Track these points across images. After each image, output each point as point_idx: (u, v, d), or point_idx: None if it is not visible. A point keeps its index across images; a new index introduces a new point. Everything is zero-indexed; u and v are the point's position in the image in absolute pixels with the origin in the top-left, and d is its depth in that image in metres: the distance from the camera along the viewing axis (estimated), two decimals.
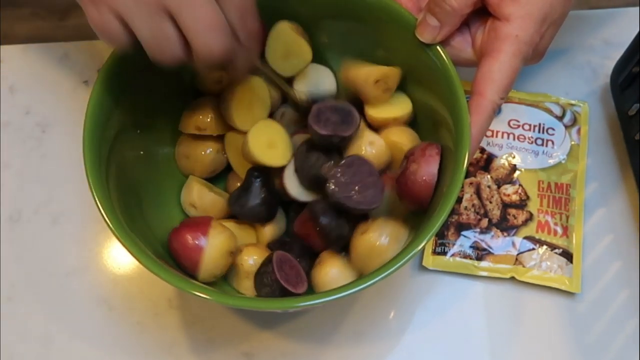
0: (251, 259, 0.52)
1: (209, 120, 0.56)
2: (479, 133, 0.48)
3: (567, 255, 0.58)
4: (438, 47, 0.51)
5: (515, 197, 0.60)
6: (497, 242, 0.58)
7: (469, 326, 0.57)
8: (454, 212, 0.59)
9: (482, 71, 0.49)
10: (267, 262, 0.50)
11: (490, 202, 0.60)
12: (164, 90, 0.57)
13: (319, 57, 0.60)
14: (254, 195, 0.53)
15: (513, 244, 0.58)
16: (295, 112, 0.58)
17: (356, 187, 0.49)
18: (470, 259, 0.58)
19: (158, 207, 0.55)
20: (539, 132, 0.63)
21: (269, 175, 0.54)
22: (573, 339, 0.56)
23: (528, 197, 0.60)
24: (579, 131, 0.63)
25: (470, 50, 0.52)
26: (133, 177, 0.55)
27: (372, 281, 0.44)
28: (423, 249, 0.58)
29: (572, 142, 0.62)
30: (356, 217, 0.51)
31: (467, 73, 0.65)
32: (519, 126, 0.63)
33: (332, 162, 0.51)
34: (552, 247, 0.58)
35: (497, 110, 0.49)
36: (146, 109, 0.56)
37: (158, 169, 0.58)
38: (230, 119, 0.55)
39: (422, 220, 0.51)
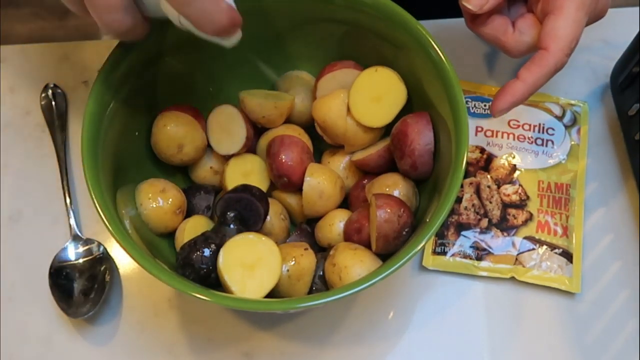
0: None
1: None
2: (533, 85, 0.49)
3: (567, 255, 0.58)
4: (436, 47, 0.51)
5: (515, 197, 0.60)
6: (497, 242, 0.58)
7: (469, 326, 0.57)
8: (453, 212, 0.59)
9: (546, 29, 0.49)
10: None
11: (490, 202, 0.60)
12: (163, 90, 0.58)
13: (312, 62, 0.60)
14: None
15: (513, 244, 0.58)
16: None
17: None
18: (470, 259, 0.58)
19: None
20: (539, 132, 0.63)
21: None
22: (573, 339, 0.56)
23: (528, 197, 0.60)
24: (579, 131, 0.63)
25: (511, 30, 0.52)
26: (132, 177, 0.55)
27: (372, 281, 0.44)
28: (423, 249, 0.58)
29: (572, 142, 0.62)
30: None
31: (466, 73, 0.66)
32: (519, 126, 0.63)
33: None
34: (552, 247, 0.58)
35: (560, 69, 0.49)
36: (146, 110, 0.56)
37: (158, 170, 0.58)
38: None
39: (422, 219, 0.51)
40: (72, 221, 0.60)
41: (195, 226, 0.54)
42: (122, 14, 0.42)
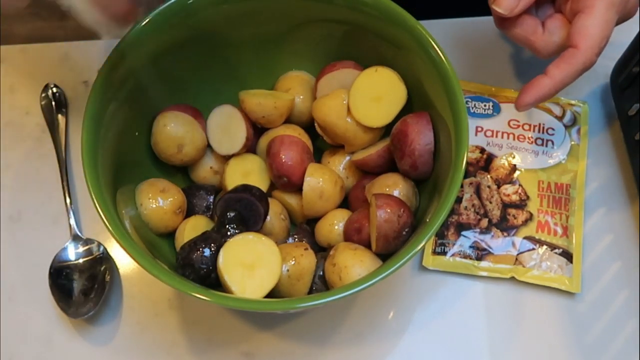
0: None
1: None
2: (561, 82, 0.49)
3: (567, 255, 0.58)
4: (436, 47, 0.51)
5: (515, 197, 0.60)
6: (497, 242, 0.58)
7: (469, 326, 0.57)
8: (453, 212, 0.59)
9: (577, 26, 0.49)
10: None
11: (490, 202, 0.60)
12: (164, 90, 0.58)
13: (312, 62, 0.60)
14: None
15: (513, 244, 0.58)
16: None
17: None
18: (470, 259, 0.58)
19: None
20: (539, 132, 0.63)
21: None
22: (573, 339, 0.56)
23: (528, 197, 0.60)
24: (579, 131, 0.63)
25: (540, 30, 0.52)
26: (132, 177, 0.55)
27: (372, 281, 0.44)
28: (423, 249, 0.58)
29: (572, 142, 0.62)
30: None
31: (467, 73, 0.65)
32: (519, 126, 0.63)
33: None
34: (552, 247, 0.58)
35: (588, 68, 0.50)
36: (146, 110, 0.56)
37: (158, 170, 0.58)
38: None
39: (422, 219, 0.51)
40: (72, 221, 0.60)
41: (195, 226, 0.54)
42: None
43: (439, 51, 0.51)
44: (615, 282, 0.58)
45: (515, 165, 0.61)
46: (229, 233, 0.50)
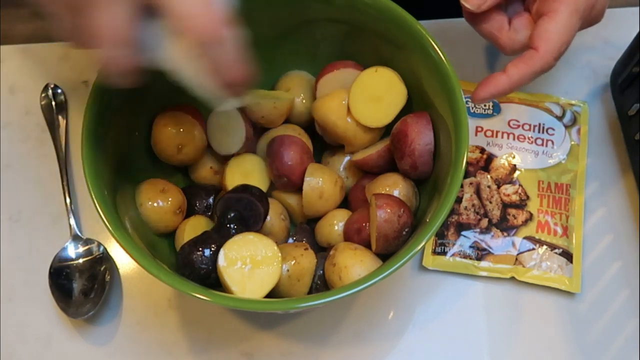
0: None
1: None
2: (517, 81, 0.49)
3: (567, 255, 0.58)
4: (436, 47, 0.51)
5: (515, 197, 0.60)
6: (497, 242, 0.58)
7: (469, 326, 0.57)
8: (453, 212, 0.59)
9: (539, 29, 0.49)
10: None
11: (490, 202, 0.60)
12: (164, 90, 0.57)
13: (312, 62, 0.60)
14: None
15: (513, 244, 0.58)
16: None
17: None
18: (470, 259, 0.58)
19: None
20: (539, 132, 0.63)
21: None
22: (573, 339, 0.56)
23: (528, 197, 0.60)
24: (579, 131, 0.63)
25: (506, 27, 0.52)
26: (132, 177, 0.55)
27: (372, 281, 0.44)
28: (423, 248, 0.58)
29: (572, 142, 0.62)
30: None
31: (466, 73, 0.65)
32: (519, 126, 0.63)
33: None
34: (552, 247, 0.58)
35: (546, 70, 0.50)
36: (146, 110, 0.56)
37: (158, 170, 0.58)
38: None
39: (422, 219, 0.51)
40: (72, 221, 0.60)
41: (195, 226, 0.54)
42: (126, 50, 0.38)
43: (439, 51, 0.51)
44: (615, 282, 0.58)
45: (515, 165, 0.61)
46: (229, 233, 0.50)
